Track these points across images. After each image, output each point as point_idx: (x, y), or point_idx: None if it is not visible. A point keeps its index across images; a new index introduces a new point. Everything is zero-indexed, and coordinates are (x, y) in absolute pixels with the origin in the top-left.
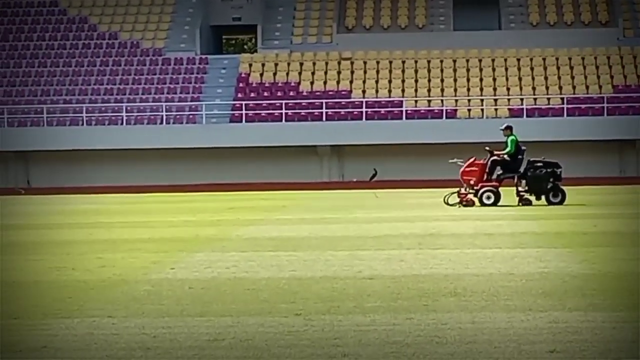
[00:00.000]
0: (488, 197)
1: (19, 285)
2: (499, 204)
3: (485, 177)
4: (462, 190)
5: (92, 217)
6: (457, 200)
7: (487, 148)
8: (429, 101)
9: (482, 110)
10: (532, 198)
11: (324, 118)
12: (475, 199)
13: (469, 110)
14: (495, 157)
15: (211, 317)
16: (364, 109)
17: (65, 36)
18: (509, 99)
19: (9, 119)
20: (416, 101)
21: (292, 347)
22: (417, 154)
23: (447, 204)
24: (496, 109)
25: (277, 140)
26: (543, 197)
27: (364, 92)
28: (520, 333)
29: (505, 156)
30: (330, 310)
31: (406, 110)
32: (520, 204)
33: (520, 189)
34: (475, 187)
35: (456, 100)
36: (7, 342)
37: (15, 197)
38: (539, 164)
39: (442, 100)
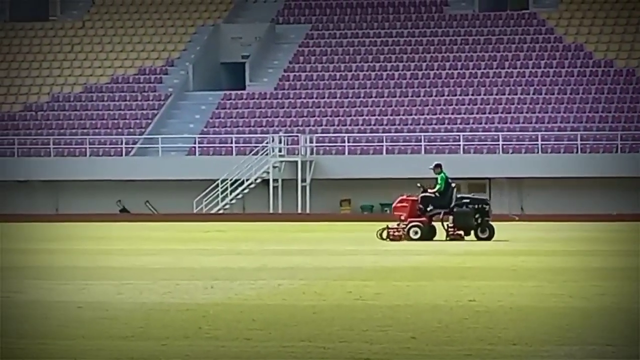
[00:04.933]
0: (415, 232)
1: (437, 309)
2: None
3: (416, 212)
4: (391, 225)
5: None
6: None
7: (418, 184)
8: None
9: None
10: (462, 233)
11: None
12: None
13: None
14: (426, 194)
15: None
16: None
17: (560, 64)
18: None
19: (504, 145)
20: None
21: None
22: None
23: (382, 238)
24: None
25: None
26: (472, 232)
27: None
28: None
29: (437, 193)
30: None
31: None
32: (448, 239)
33: (447, 224)
34: (405, 222)
35: None
36: None
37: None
38: (466, 200)
39: None
